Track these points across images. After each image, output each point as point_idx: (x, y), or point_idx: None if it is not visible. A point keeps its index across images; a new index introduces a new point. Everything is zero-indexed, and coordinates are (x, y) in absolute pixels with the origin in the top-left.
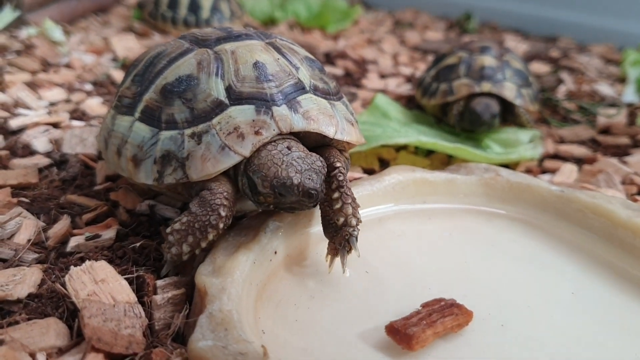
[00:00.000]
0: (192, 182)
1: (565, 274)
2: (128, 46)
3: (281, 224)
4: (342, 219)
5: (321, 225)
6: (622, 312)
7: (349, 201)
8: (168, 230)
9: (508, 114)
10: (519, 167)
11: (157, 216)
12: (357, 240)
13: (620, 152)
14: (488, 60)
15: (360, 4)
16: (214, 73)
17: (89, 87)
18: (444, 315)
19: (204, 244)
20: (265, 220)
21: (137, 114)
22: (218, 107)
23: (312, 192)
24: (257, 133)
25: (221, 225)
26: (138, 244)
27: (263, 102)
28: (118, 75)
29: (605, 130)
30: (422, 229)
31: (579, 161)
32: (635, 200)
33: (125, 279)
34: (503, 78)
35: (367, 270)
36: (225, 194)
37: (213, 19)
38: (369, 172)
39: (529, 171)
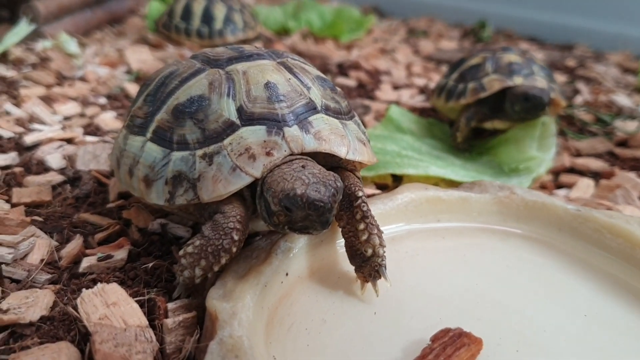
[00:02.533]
0: (204, 203)
1: (581, 296)
2: (142, 58)
3: (292, 245)
4: (370, 250)
5: (327, 244)
6: (638, 335)
7: (375, 231)
8: (181, 253)
9: None
10: (534, 183)
11: (168, 235)
12: (386, 269)
13: (639, 166)
14: (514, 57)
15: (374, 13)
16: (225, 93)
17: (103, 100)
18: (457, 347)
19: (216, 268)
20: (277, 241)
21: (148, 134)
22: (229, 128)
23: (318, 203)
24: (268, 154)
25: (234, 250)
26: (150, 265)
27: (274, 123)
28: (132, 88)
29: (623, 143)
30: (435, 249)
31: (596, 175)
32: None
33: (137, 301)
34: (532, 72)
35: (380, 293)
36: (238, 217)
37: (226, 30)
38: (382, 187)
39: (543, 187)
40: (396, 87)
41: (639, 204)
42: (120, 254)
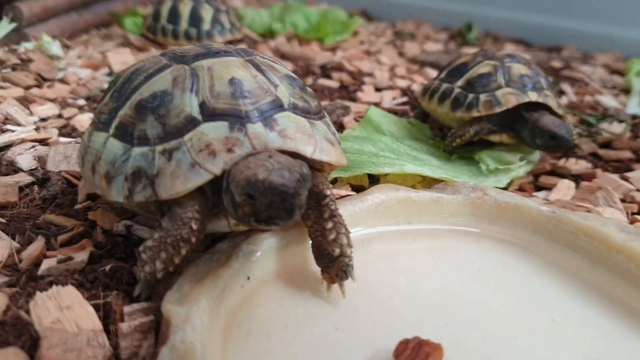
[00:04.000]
0: (163, 200)
1: (553, 300)
2: (123, 60)
3: (255, 248)
4: (337, 250)
5: (294, 246)
6: (609, 341)
7: (343, 231)
8: (140, 248)
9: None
10: (512, 185)
11: (133, 237)
12: (353, 269)
13: (623, 168)
14: (523, 69)
15: (361, 15)
16: (188, 89)
17: (81, 102)
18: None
19: (177, 260)
20: (239, 244)
21: (111, 130)
22: (191, 124)
23: (281, 188)
24: (229, 150)
25: (193, 240)
26: (108, 267)
27: (237, 119)
28: None
29: (607, 144)
30: (406, 252)
31: (577, 177)
32: (635, 220)
33: (93, 305)
34: (542, 87)
35: (346, 297)
36: (196, 207)
37: (214, 31)
38: (358, 189)
39: (521, 190)
40: (378, 89)
41: (621, 206)
42: (81, 256)
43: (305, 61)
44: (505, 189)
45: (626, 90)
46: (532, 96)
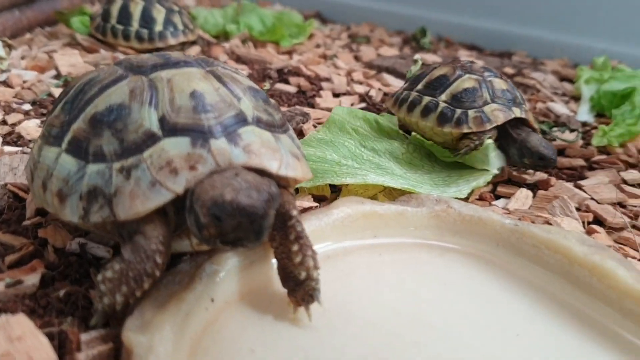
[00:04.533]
0: (121, 221)
1: (517, 315)
2: (71, 62)
3: (219, 268)
4: (303, 273)
5: (258, 265)
6: (572, 355)
7: (309, 253)
8: (99, 278)
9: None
10: (473, 194)
11: (88, 256)
12: (320, 293)
13: (576, 175)
14: (504, 84)
15: (316, 18)
16: (147, 102)
17: (27, 107)
18: None
19: (139, 293)
20: (202, 264)
21: (64, 145)
22: (150, 139)
23: (250, 209)
24: (192, 168)
25: (157, 273)
26: (63, 292)
27: (200, 134)
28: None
29: (560, 152)
30: (372, 267)
31: (533, 186)
32: (592, 230)
33: (47, 333)
34: (520, 102)
35: (314, 317)
36: (160, 237)
37: (167, 33)
38: (320, 199)
39: (482, 199)
40: (337, 95)
41: (577, 215)
42: (31, 279)
43: (261, 65)
44: (467, 198)
45: (576, 98)
46: (517, 112)
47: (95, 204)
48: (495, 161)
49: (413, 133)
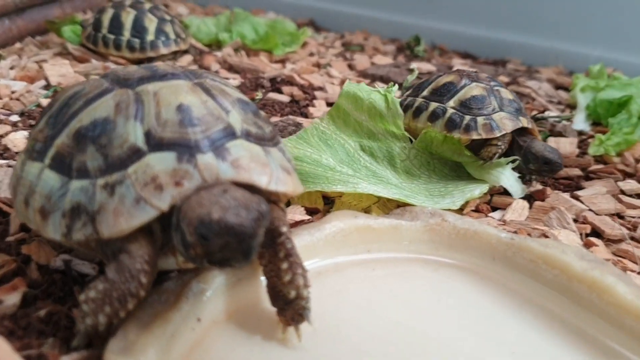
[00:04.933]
0: (105, 239)
1: (513, 331)
2: (62, 72)
3: (206, 286)
4: (293, 292)
5: (246, 283)
6: None
7: (299, 271)
8: (82, 297)
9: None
10: (468, 205)
11: (72, 273)
12: (310, 312)
13: (573, 185)
14: (509, 93)
15: (309, 26)
16: (132, 116)
17: (15, 118)
18: None
19: (122, 314)
20: (188, 282)
21: (47, 161)
22: (135, 155)
23: (239, 229)
24: (177, 184)
25: (142, 293)
26: (44, 312)
27: (186, 149)
28: None
29: None
30: (365, 283)
31: (529, 197)
32: (590, 243)
33: (25, 356)
34: (524, 112)
35: (304, 336)
36: (145, 257)
37: (158, 42)
38: (312, 212)
39: (478, 210)
40: (330, 104)
41: (574, 227)
42: (12, 298)
43: (254, 73)
44: (462, 210)
45: (572, 106)
46: (524, 122)
47: (78, 222)
48: (517, 186)
49: (417, 139)
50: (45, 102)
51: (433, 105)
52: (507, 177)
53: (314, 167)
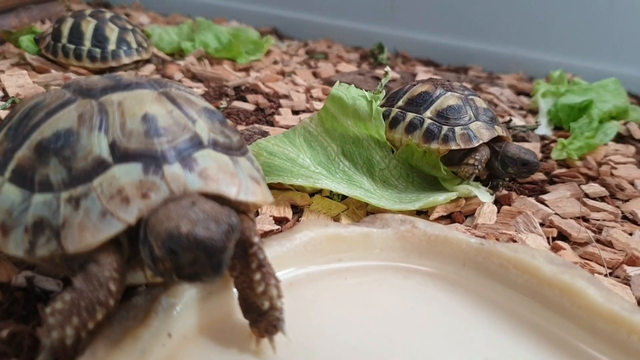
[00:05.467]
0: (71, 254)
1: (484, 337)
2: (20, 83)
3: (175, 300)
4: (267, 303)
5: (217, 296)
6: None
7: (273, 281)
8: (48, 310)
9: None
10: (435, 212)
11: (36, 290)
12: (284, 323)
13: (537, 190)
14: (483, 102)
15: (272, 34)
16: (96, 127)
17: None
18: None
19: (91, 326)
20: (157, 297)
21: (7, 174)
22: (100, 167)
23: (208, 242)
24: (144, 196)
25: (111, 302)
26: (7, 332)
27: (153, 160)
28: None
29: None
30: (337, 292)
31: (496, 201)
32: (557, 247)
33: None
34: (497, 120)
35: (278, 348)
36: (114, 264)
37: (120, 52)
38: (281, 221)
39: (454, 220)
40: (296, 112)
41: (541, 231)
42: None
43: (217, 82)
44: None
45: (534, 111)
46: (499, 130)
47: (42, 237)
48: (486, 195)
49: (399, 150)
50: (3, 113)
51: (410, 115)
52: (478, 189)
53: (283, 161)
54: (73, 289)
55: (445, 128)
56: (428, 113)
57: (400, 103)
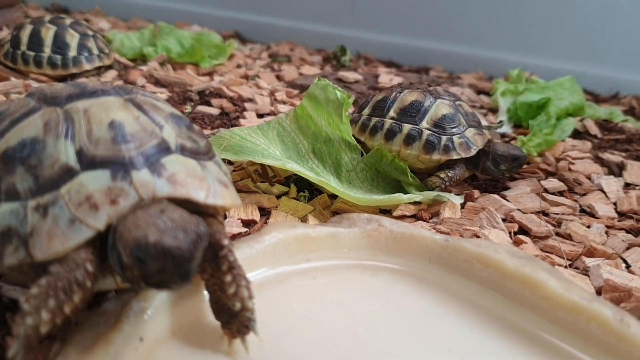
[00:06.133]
0: (40, 262)
1: (451, 331)
2: None
3: (146, 305)
4: (238, 304)
5: (188, 299)
6: None
7: (244, 283)
8: (22, 299)
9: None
10: (399, 209)
11: (3, 299)
12: (256, 323)
13: (499, 186)
14: (467, 106)
15: (235, 38)
16: (62, 135)
17: None
18: None
19: (68, 309)
20: (128, 302)
21: None
22: (67, 174)
23: (176, 252)
24: (113, 202)
25: (88, 284)
26: None
27: (121, 166)
28: None
29: None
30: (307, 292)
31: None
32: (519, 241)
33: None
34: (482, 123)
35: (250, 349)
36: (90, 248)
37: (81, 58)
38: (249, 223)
39: (420, 218)
40: (261, 115)
41: (503, 227)
42: None
43: (181, 87)
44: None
45: (494, 110)
46: (487, 134)
47: (10, 246)
48: (454, 196)
49: (367, 154)
50: None
51: (407, 127)
52: (449, 194)
53: (255, 145)
54: (49, 273)
55: (444, 138)
56: (424, 124)
57: (392, 113)
